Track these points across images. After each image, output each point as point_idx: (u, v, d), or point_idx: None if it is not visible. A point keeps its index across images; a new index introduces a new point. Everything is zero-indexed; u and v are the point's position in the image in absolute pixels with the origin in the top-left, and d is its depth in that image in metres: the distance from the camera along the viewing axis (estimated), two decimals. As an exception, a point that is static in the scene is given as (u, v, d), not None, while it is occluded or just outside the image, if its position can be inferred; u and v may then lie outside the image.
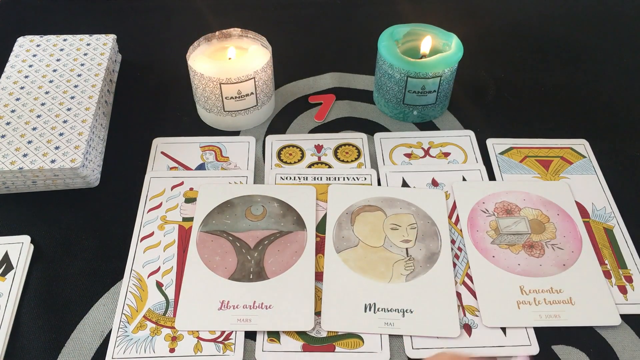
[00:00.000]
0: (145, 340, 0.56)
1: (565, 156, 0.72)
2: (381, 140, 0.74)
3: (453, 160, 0.72)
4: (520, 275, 0.61)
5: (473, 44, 0.85)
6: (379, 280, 0.60)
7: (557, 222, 0.65)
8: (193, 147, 0.73)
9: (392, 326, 0.57)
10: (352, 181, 0.69)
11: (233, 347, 0.56)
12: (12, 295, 0.59)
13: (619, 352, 0.56)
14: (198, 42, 0.73)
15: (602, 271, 0.61)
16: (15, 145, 0.65)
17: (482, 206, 0.67)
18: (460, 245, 0.63)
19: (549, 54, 0.88)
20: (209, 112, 0.74)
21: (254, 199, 0.67)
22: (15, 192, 0.68)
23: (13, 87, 0.72)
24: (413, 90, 0.72)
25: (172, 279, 0.61)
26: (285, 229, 0.64)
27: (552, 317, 0.58)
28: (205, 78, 0.70)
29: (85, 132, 0.67)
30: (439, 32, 0.75)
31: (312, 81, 0.82)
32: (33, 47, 0.78)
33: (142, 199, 0.67)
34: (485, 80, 0.83)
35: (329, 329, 0.57)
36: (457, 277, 0.61)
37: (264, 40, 0.74)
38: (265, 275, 0.60)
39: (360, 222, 0.65)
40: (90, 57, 0.77)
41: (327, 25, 0.92)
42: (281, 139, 0.74)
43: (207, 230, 0.64)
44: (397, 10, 0.94)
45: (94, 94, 0.71)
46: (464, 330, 0.57)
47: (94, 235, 0.64)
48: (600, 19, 0.94)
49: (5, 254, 0.62)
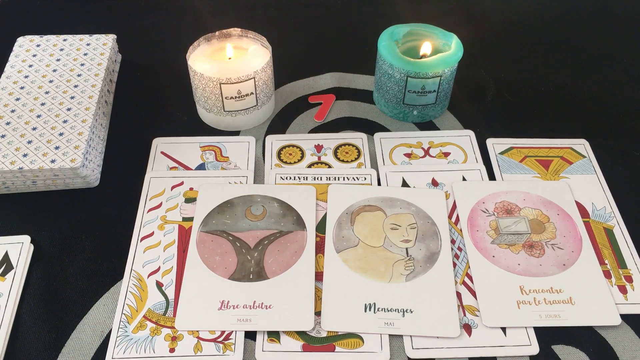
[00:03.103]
0: (145, 340, 0.56)
1: (565, 156, 0.72)
2: (381, 140, 0.74)
3: (453, 160, 0.72)
4: (520, 275, 0.61)
5: (473, 44, 0.85)
6: (379, 280, 0.60)
7: (557, 222, 0.65)
8: (193, 147, 0.73)
9: (392, 326, 0.57)
10: (352, 181, 0.69)
11: (233, 347, 0.56)
12: (12, 295, 0.59)
13: (619, 352, 0.56)
14: (198, 42, 0.73)
15: (602, 271, 0.61)
16: (15, 145, 0.65)
17: (482, 206, 0.67)
18: (460, 245, 0.63)
19: (549, 54, 0.88)
20: (209, 112, 0.74)
21: (254, 199, 0.67)
22: (15, 192, 0.68)
23: (13, 87, 0.72)
24: (413, 90, 0.72)
25: (172, 279, 0.61)
26: (285, 229, 0.64)
27: (552, 317, 0.58)
28: (205, 78, 0.70)
29: (85, 132, 0.67)
30: (439, 32, 0.75)
31: (312, 81, 0.82)
32: (33, 47, 0.78)
33: (142, 199, 0.67)
34: (485, 80, 0.83)
35: (329, 329, 0.57)
36: (457, 277, 0.61)
37: (264, 40, 0.74)
38: (265, 275, 0.60)
39: (360, 222, 0.65)
40: (90, 57, 0.77)
41: (327, 25, 0.92)
42: (281, 139, 0.74)
43: (207, 230, 0.64)
44: (397, 10, 0.94)
45: (94, 94, 0.71)
46: (464, 330, 0.57)
47: (94, 235, 0.64)
48: (600, 19, 0.94)
49: (5, 254, 0.62)
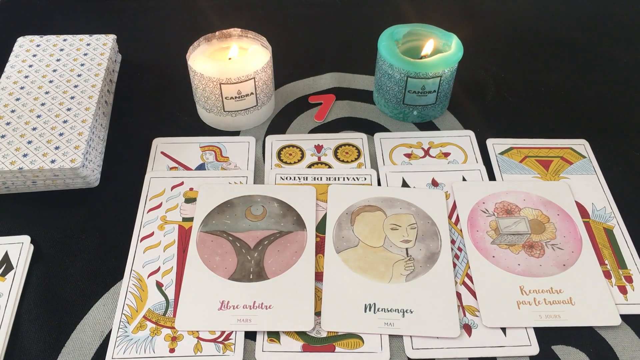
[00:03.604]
0: (145, 340, 0.56)
1: (565, 156, 0.72)
2: (381, 140, 0.74)
3: (453, 161, 0.72)
4: (520, 275, 0.61)
5: (473, 44, 0.85)
6: (379, 281, 0.60)
7: (557, 222, 0.65)
8: (193, 147, 0.73)
9: (392, 326, 0.57)
10: (352, 181, 0.69)
11: (233, 347, 0.56)
12: (12, 295, 0.59)
13: (619, 352, 0.56)
14: (198, 42, 0.73)
15: (602, 271, 0.61)
16: (15, 145, 0.65)
17: (482, 206, 0.67)
18: (460, 245, 0.63)
19: (549, 54, 0.88)
20: (209, 112, 0.74)
21: (254, 199, 0.67)
22: (15, 192, 0.68)
23: (13, 87, 0.72)
24: (413, 90, 0.72)
25: (172, 279, 0.61)
26: (285, 229, 0.64)
27: (552, 317, 0.58)
28: (205, 78, 0.70)
29: (85, 132, 0.67)
30: (439, 32, 0.75)
31: (312, 81, 0.82)
32: (33, 47, 0.78)
33: (142, 199, 0.67)
34: (485, 80, 0.83)
35: (329, 329, 0.57)
36: (457, 277, 0.61)
37: (264, 40, 0.74)
38: (265, 275, 0.60)
39: (360, 222, 0.65)
40: (90, 57, 0.76)
41: (327, 25, 0.92)
42: (281, 139, 0.74)
43: (207, 231, 0.64)
44: (397, 10, 0.94)
45: (94, 94, 0.71)
46: (464, 331, 0.57)
47: (94, 235, 0.64)
48: (600, 19, 0.94)
49: (5, 254, 0.62)
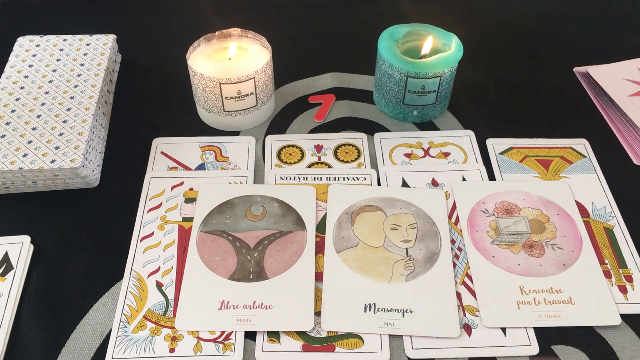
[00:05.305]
0: (145, 340, 0.56)
1: (565, 156, 0.72)
2: (381, 140, 0.74)
3: (453, 160, 0.72)
4: (520, 275, 0.61)
5: (473, 44, 0.85)
6: (379, 280, 0.60)
7: (557, 221, 0.65)
8: (193, 147, 0.73)
9: (392, 326, 0.57)
10: (352, 181, 0.69)
11: (233, 347, 0.56)
12: (12, 295, 0.59)
13: (619, 352, 0.56)
14: (198, 42, 0.73)
15: (602, 271, 0.61)
16: (15, 145, 0.65)
17: (482, 206, 0.66)
18: (460, 245, 0.63)
19: (549, 54, 0.88)
20: (209, 112, 0.74)
21: (254, 199, 0.67)
22: (15, 192, 0.68)
23: (13, 87, 0.72)
24: (413, 90, 0.72)
25: (172, 279, 0.61)
26: (285, 229, 0.64)
27: (552, 317, 0.58)
28: (205, 78, 0.70)
29: (85, 132, 0.67)
30: (439, 32, 0.75)
31: (312, 81, 0.82)
32: (33, 47, 0.78)
33: (142, 199, 0.67)
34: (485, 80, 0.83)
35: (328, 329, 0.57)
36: (457, 277, 0.61)
37: (264, 40, 0.74)
38: (265, 275, 0.60)
39: (360, 222, 0.65)
40: (90, 57, 0.77)
41: (327, 25, 0.92)
42: (281, 139, 0.74)
43: (207, 230, 0.64)
44: (397, 10, 0.94)
45: (94, 94, 0.71)
46: (464, 330, 0.57)
47: (94, 235, 0.64)
48: (600, 19, 0.94)
49: (5, 254, 0.62)
